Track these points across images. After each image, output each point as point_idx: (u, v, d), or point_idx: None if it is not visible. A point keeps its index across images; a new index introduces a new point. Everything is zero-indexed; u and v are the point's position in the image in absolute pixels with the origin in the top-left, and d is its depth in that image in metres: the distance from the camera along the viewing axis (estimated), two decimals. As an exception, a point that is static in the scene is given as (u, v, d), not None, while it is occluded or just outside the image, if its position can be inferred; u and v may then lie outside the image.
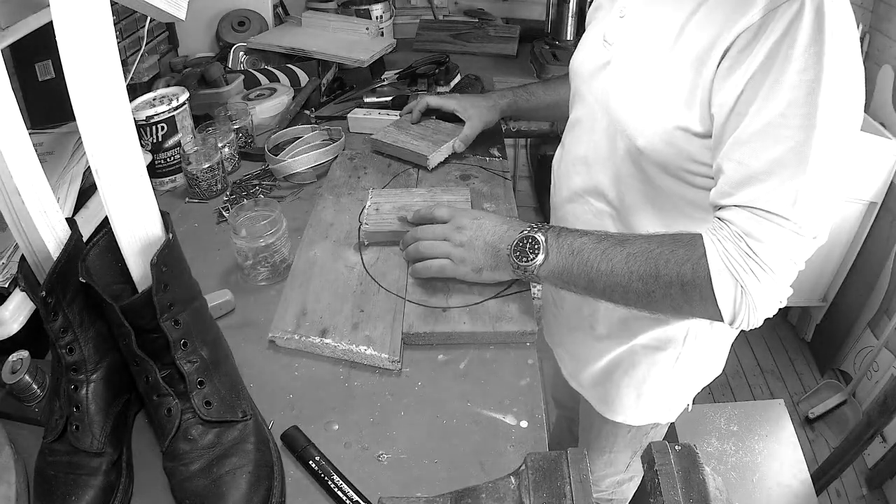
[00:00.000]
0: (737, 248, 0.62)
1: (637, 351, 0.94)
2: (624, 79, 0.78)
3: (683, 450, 0.52)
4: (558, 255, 0.72)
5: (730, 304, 0.63)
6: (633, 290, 0.67)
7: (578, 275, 0.71)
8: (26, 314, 0.75)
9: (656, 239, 0.68)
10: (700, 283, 0.63)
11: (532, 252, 0.73)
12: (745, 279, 0.61)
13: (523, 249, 0.74)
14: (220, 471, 0.60)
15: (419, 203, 1.01)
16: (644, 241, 0.68)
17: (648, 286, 0.66)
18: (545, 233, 0.73)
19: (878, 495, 1.84)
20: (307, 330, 0.81)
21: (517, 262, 0.74)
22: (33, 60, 1.18)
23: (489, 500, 0.54)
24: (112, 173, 0.57)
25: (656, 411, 1.02)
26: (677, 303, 0.66)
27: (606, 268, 0.68)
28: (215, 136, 1.17)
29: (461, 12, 2.11)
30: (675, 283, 0.65)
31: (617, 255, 0.68)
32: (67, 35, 0.52)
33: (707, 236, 0.65)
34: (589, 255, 0.70)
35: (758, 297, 0.62)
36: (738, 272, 0.62)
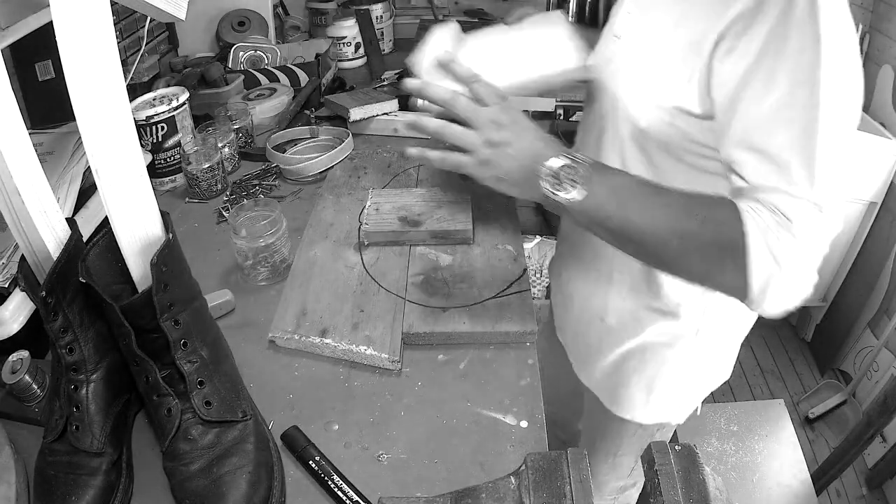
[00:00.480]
0: (773, 219, 0.60)
1: (647, 347, 0.93)
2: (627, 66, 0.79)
3: (683, 450, 0.52)
4: (596, 192, 0.65)
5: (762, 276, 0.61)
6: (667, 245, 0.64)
7: (612, 217, 0.66)
8: (26, 314, 0.75)
9: (696, 196, 0.65)
10: (737, 248, 0.61)
11: (569, 182, 0.66)
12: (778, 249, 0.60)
13: (559, 177, 0.66)
14: (220, 471, 0.60)
15: (419, 203, 1.01)
16: (684, 196, 0.65)
17: (684, 243, 0.63)
18: (587, 165, 0.67)
19: (878, 495, 1.84)
20: (307, 330, 0.81)
21: (551, 190, 0.67)
22: (33, 60, 1.18)
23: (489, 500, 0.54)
24: (112, 173, 0.57)
25: (665, 410, 1.02)
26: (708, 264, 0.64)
27: (645, 217, 0.64)
28: (215, 136, 1.17)
29: (461, 12, 2.11)
30: (713, 245, 0.62)
31: (656, 202, 0.65)
32: (67, 35, 0.52)
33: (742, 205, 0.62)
34: (627, 198, 0.65)
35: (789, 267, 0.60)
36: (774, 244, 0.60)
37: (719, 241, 0.62)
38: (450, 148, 0.75)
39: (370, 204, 1.01)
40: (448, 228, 0.96)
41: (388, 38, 1.88)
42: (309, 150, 1.29)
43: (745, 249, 0.60)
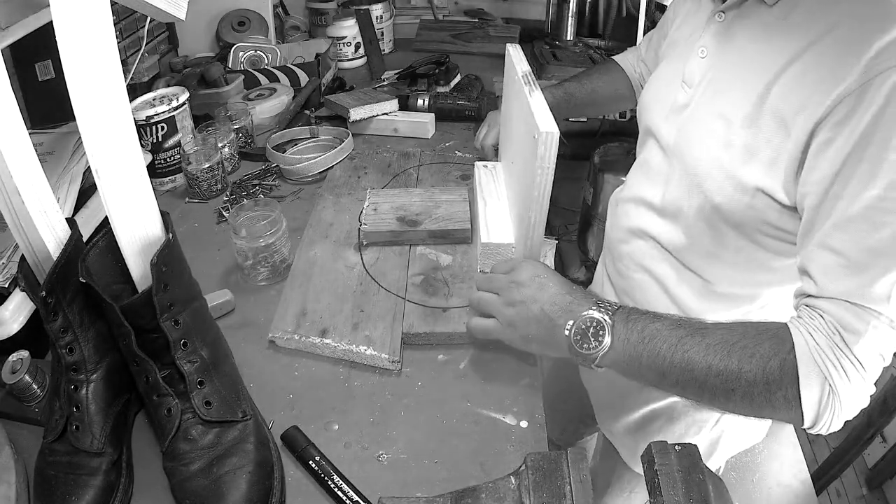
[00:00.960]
0: (829, 342, 0.55)
1: (677, 407, 0.89)
2: (702, 128, 0.72)
3: (683, 450, 0.52)
4: (626, 343, 0.62)
5: (814, 406, 0.56)
6: (709, 387, 0.59)
7: (648, 366, 0.61)
8: (26, 314, 0.75)
9: (739, 329, 0.60)
10: (786, 383, 0.56)
11: (596, 338, 0.62)
12: (835, 378, 0.55)
13: (585, 334, 0.63)
14: (220, 471, 0.60)
15: (417, 203, 1.01)
16: (725, 331, 0.60)
17: (729, 383, 0.58)
18: (613, 315, 0.63)
19: (878, 495, 1.84)
20: (307, 330, 0.81)
21: (577, 349, 0.63)
22: (33, 60, 1.18)
23: (489, 500, 0.54)
24: (112, 173, 0.57)
25: None
26: (757, 403, 0.58)
27: (681, 360, 0.59)
28: (215, 136, 1.17)
29: (461, 12, 2.11)
30: (759, 382, 0.57)
31: (694, 345, 0.59)
32: (67, 35, 0.52)
33: (796, 328, 0.58)
34: (661, 345, 0.60)
35: (845, 398, 0.56)
36: (829, 370, 0.55)
37: (767, 378, 0.57)
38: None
39: (368, 204, 1.01)
40: (446, 228, 0.96)
41: (388, 38, 1.88)
42: (309, 150, 1.29)
43: (797, 382, 0.56)
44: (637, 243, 0.86)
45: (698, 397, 0.62)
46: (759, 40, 0.68)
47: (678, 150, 0.76)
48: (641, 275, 0.86)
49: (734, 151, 0.67)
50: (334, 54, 1.69)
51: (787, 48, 0.64)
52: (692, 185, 0.73)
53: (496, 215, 0.93)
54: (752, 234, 0.70)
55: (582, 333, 0.63)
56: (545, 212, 0.75)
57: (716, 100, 0.71)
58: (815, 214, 0.59)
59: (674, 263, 0.81)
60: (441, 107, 1.39)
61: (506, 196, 0.97)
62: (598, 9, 1.92)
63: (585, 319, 0.63)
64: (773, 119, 0.64)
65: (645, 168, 0.85)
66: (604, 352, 0.62)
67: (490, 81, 1.62)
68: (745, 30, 0.70)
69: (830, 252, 0.57)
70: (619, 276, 0.91)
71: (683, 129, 0.76)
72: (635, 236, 0.86)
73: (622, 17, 1.89)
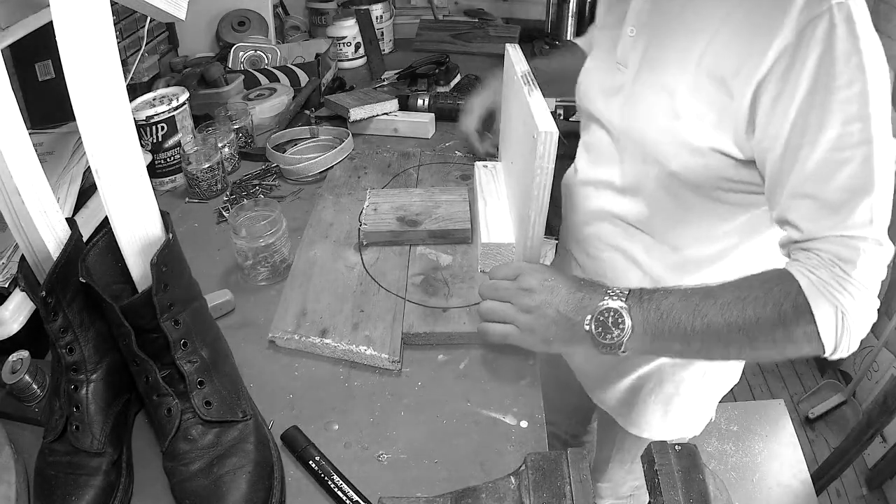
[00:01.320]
0: (831, 275, 0.59)
1: (665, 369, 0.92)
2: (646, 104, 0.75)
3: (683, 450, 0.52)
4: (645, 324, 0.64)
5: (832, 331, 0.60)
6: (734, 343, 0.62)
7: (671, 340, 0.64)
8: (26, 314, 0.75)
9: (745, 283, 0.63)
10: (802, 319, 0.60)
11: (616, 326, 0.64)
12: (844, 301, 0.59)
13: (605, 324, 0.65)
14: (220, 471, 0.60)
15: (417, 203, 1.01)
16: (734, 289, 0.63)
17: (751, 334, 0.61)
18: (626, 300, 0.65)
19: (878, 495, 1.84)
20: (307, 330, 0.81)
21: (601, 341, 0.65)
22: (33, 60, 1.18)
23: (489, 500, 0.54)
24: (112, 173, 0.57)
25: (682, 426, 1.00)
26: (780, 345, 0.61)
27: (701, 325, 0.62)
28: (215, 136, 1.17)
29: (461, 12, 2.11)
30: (778, 326, 0.60)
31: (710, 309, 0.62)
32: (67, 35, 0.52)
33: (797, 270, 0.61)
34: (680, 317, 0.63)
35: (856, 317, 0.60)
36: (837, 296, 0.59)
37: (784, 319, 0.60)
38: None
39: (368, 204, 1.01)
40: (446, 228, 0.96)
41: (388, 38, 1.88)
42: (309, 150, 1.29)
43: (812, 315, 0.59)
44: (601, 225, 0.88)
45: (724, 355, 0.64)
46: (686, 8, 0.70)
47: (626, 130, 0.79)
48: (610, 253, 0.88)
49: (682, 119, 0.70)
50: (334, 54, 1.69)
51: (714, 12, 0.66)
52: (647, 159, 0.76)
53: (496, 215, 0.93)
54: (712, 193, 0.73)
55: (602, 325, 0.65)
56: (545, 212, 0.75)
57: (654, 74, 0.74)
58: (779, 167, 0.63)
59: (641, 237, 0.84)
60: (441, 107, 1.39)
61: (506, 196, 0.97)
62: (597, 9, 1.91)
63: (602, 311, 0.65)
64: (712, 82, 0.66)
65: (594, 152, 0.88)
66: (627, 337, 0.64)
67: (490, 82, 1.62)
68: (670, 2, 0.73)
69: (805, 198, 0.61)
70: (588, 257, 0.94)
71: (627, 108, 0.78)
72: (598, 218, 0.88)
73: (622, 17, 1.89)
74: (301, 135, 1.32)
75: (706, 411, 1.01)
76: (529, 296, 0.69)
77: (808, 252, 0.62)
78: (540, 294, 0.68)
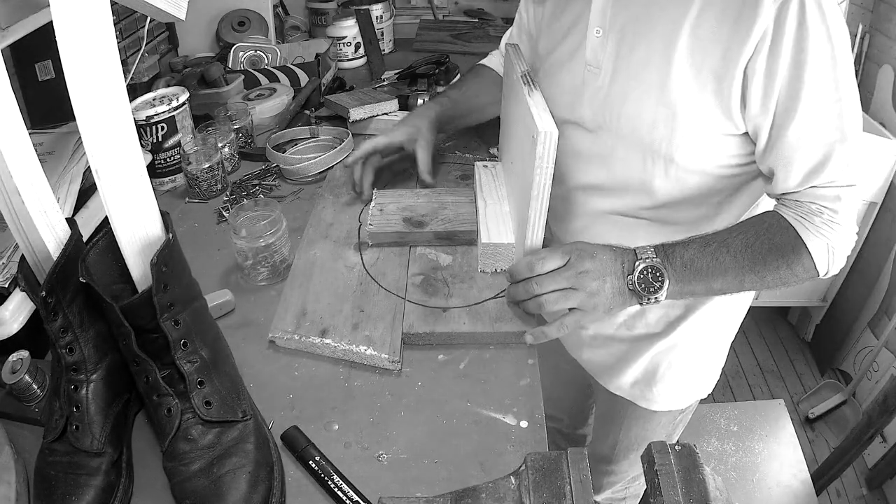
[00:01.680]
0: (821, 220, 0.72)
1: (679, 344, 0.95)
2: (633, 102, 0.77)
3: (683, 450, 0.52)
4: (675, 273, 0.73)
5: (824, 262, 0.73)
6: (747, 282, 0.74)
7: (697, 283, 0.74)
8: (26, 314, 0.75)
9: (751, 230, 0.74)
10: (801, 257, 0.73)
11: (657, 281, 0.73)
12: (831, 237, 0.72)
13: (647, 280, 0.73)
14: (220, 471, 0.60)
15: (423, 204, 1.01)
16: (742, 236, 0.74)
17: (760, 273, 0.73)
18: (656, 255, 0.74)
19: (878, 495, 1.84)
20: (307, 330, 0.81)
21: (647, 295, 0.73)
22: (33, 60, 1.18)
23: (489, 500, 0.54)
24: (112, 173, 0.57)
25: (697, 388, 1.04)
26: (784, 276, 0.74)
27: (720, 270, 0.73)
28: (215, 136, 1.17)
29: (461, 12, 2.11)
30: (782, 265, 0.73)
31: (725, 256, 0.73)
32: (67, 35, 0.52)
33: (790, 216, 0.73)
34: (701, 264, 0.73)
35: (841, 246, 0.73)
36: (826, 234, 0.72)
37: (788, 261, 0.73)
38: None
39: (374, 204, 1.01)
40: (453, 229, 0.96)
41: (388, 38, 1.88)
42: (309, 150, 1.29)
43: (809, 253, 0.73)
44: (601, 225, 0.90)
45: (739, 289, 0.76)
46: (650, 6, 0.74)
47: (611, 129, 0.81)
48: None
49: (675, 110, 0.75)
50: (334, 54, 1.69)
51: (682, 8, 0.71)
52: (645, 153, 0.80)
53: (496, 215, 0.93)
54: (712, 170, 0.79)
55: (644, 282, 0.73)
56: (545, 212, 0.75)
57: (633, 72, 0.77)
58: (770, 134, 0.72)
59: (641, 225, 0.87)
60: (441, 107, 1.39)
61: (506, 196, 0.97)
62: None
63: (641, 270, 0.73)
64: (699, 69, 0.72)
65: (575, 157, 0.89)
66: (666, 287, 0.73)
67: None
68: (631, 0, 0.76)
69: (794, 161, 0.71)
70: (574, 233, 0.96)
71: (611, 109, 0.80)
72: (596, 220, 0.91)
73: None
74: (301, 135, 1.32)
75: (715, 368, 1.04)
76: (589, 277, 0.74)
77: (796, 202, 0.74)
78: (595, 271, 0.74)
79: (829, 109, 0.69)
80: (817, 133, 0.70)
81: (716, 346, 1.01)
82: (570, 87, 0.85)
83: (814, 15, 0.65)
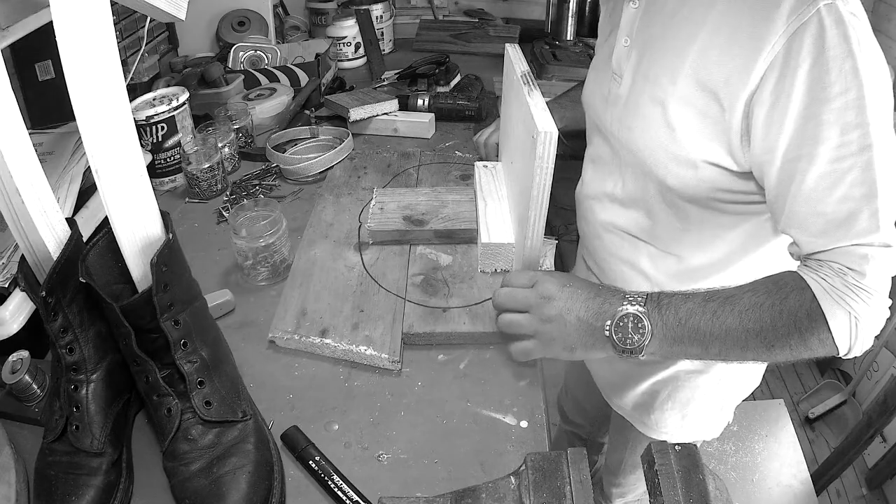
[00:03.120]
0: (843, 282, 0.60)
1: (681, 376, 0.91)
2: (640, 116, 0.74)
3: (683, 450, 0.52)
4: (665, 328, 0.64)
5: (846, 337, 0.61)
6: (751, 348, 0.63)
7: (690, 344, 0.64)
8: (26, 314, 0.75)
9: (761, 289, 0.64)
10: (817, 327, 0.61)
11: (636, 332, 0.64)
12: (857, 308, 0.60)
13: (625, 329, 0.65)
14: (220, 471, 0.60)
15: (423, 202, 1.01)
16: (750, 294, 0.63)
17: (767, 340, 0.62)
18: (645, 304, 0.65)
19: (878, 495, 1.84)
20: (307, 330, 0.81)
21: (621, 345, 0.65)
22: (33, 60, 1.18)
23: (489, 500, 0.54)
24: (112, 173, 0.57)
25: (699, 429, 1.00)
26: (796, 350, 0.63)
27: (720, 331, 0.63)
28: (215, 136, 1.17)
29: (461, 12, 2.11)
30: (794, 333, 0.61)
31: (728, 315, 0.63)
32: (67, 35, 0.52)
33: (809, 277, 0.62)
34: (699, 322, 0.64)
35: (868, 321, 0.61)
36: (850, 303, 0.60)
37: (799, 328, 0.61)
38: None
39: (375, 203, 1.01)
40: (453, 228, 0.96)
41: (388, 38, 1.88)
42: (309, 150, 1.29)
43: (826, 324, 0.60)
44: (608, 237, 0.88)
45: (741, 358, 0.65)
46: (675, 19, 0.70)
47: (623, 141, 0.78)
48: (619, 266, 0.88)
49: (674, 132, 0.69)
50: (334, 54, 1.69)
51: (701, 22, 0.65)
52: (644, 171, 0.76)
53: (496, 215, 0.93)
54: (709, 204, 0.73)
55: (622, 330, 0.65)
56: (545, 212, 0.75)
57: (647, 85, 0.73)
58: (779, 180, 0.62)
59: (647, 249, 0.84)
60: (441, 107, 1.39)
61: (506, 196, 0.97)
62: (598, 9, 1.91)
63: (622, 316, 0.65)
64: (703, 93, 0.65)
65: (598, 163, 0.87)
66: (647, 342, 0.64)
67: (490, 81, 1.62)
68: (660, 12, 0.72)
69: (809, 215, 0.61)
70: (599, 269, 0.94)
71: (623, 119, 0.77)
72: (605, 230, 0.88)
73: (622, 17, 1.89)
74: (301, 135, 1.32)
75: (723, 415, 1.00)
76: (549, 304, 0.67)
77: (818, 262, 0.62)
78: (559, 301, 0.67)
79: (855, 160, 0.57)
80: (836, 188, 0.59)
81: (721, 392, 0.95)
82: (599, 93, 0.84)
83: (838, 43, 0.55)
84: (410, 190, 1.06)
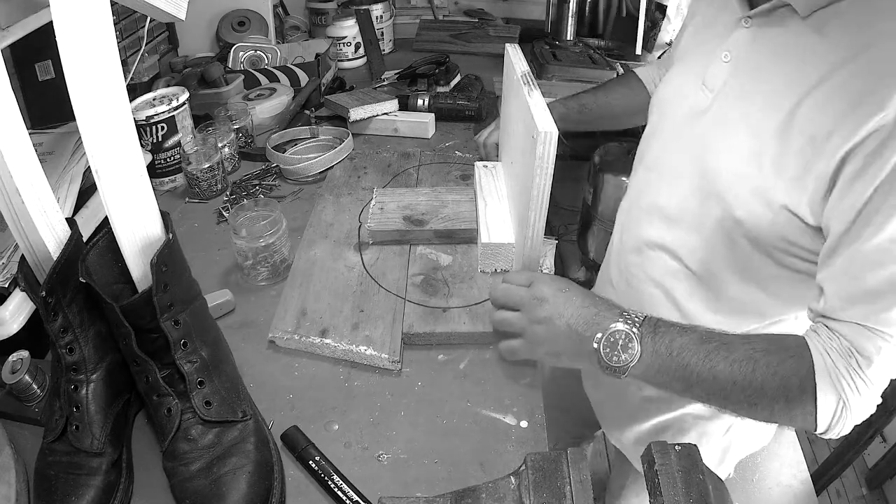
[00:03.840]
0: (846, 364, 0.59)
1: (687, 419, 0.88)
2: (726, 136, 0.70)
3: (683, 450, 0.52)
4: (654, 356, 0.63)
5: (828, 418, 0.60)
6: (733, 399, 0.62)
7: (675, 378, 0.63)
8: (26, 314, 0.75)
9: (761, 344, 0.62)
10: (805, 400, 0.60)
11: (625, 350, 0.63)
12: (849, 396, 0.59)
13: (615, 346, 0.63)
14: (220, 471, 0.60)
15: (423, 202, 1.01)
16: (749, 347, 0.62)
17: (752, 398, 0.61)
18: (640, 326, 0.64)
19: (878, 495, 1.84)
20: (307, 330, 0.81)
21: (606, 361, 0.64)
22: (33, 60, 1.18)
23: (489, 500, 0.54)
24: (112, 173, 0.57)
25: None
26: (777, 415, 0.62)
27: (708, 375, 0.62)
28: (215, 136, 1.17)
29: (461, 12, 2.11)
30: (780, 398, 0.60)
31: (720, 360, 0.61)
32: (67, 35, 0.52)
33: (814, 346, 0.60)
34: (689, 359, 0.62)
35: (856, 410, 0.60)
36: (844, 389, 0.59)
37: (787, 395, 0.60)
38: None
39: (375, 203, 1.01)
40: (453, 227, 0.96)
41: (388, 38, 1.88)
42: (309, 150, 1.29)
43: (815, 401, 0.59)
44: (651, 255, 0.83)
45: (721, 407, 0.64)
46: (790, 52, 0.66)
47: (698, 157, 0.74)
48: (653, 289, 0.84)
49: (762, 165, 0.65)
50: (334, 54, 1.69)
51: (819, 64, 0.62)
52: (711, 194, 0.71)
53: (496, 215, 0.93)
54: (768, 250, 0.69)
55: (611, 346, 0.64)
56: (545, 212, 0.75)
57: (740, 106, 0.69)
58: (839, 239, 0.60)
59: (688, 277, 0.79)
60: (441, 107, 1.39)
61: (506, 196, 0.97)
62: (598, 9, 1.92)
63: (613, 332, 0.64)
64: (802, 136, 0.62)
65: (657, 171, 0.82)
66: (633, 363, 0.63)
67: (490, 81, 1.62)
68: (774, 39, 0.68)
69: (850, 278, 0.59)
70: (628, 286, 0.89)
71: (705, 134, 0.73)
72: (649, 248, 0.83)
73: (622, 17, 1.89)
74: (301, 135, 1.32)
75: (723, 468, 0.95)
76: (541, 305, 0.67)
77: (830, 331, 0.61)
78: (552, 304, 0.67)
79: None
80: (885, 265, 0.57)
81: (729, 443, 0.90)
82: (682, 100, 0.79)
83: None
84: (410, 190, 1.06)
